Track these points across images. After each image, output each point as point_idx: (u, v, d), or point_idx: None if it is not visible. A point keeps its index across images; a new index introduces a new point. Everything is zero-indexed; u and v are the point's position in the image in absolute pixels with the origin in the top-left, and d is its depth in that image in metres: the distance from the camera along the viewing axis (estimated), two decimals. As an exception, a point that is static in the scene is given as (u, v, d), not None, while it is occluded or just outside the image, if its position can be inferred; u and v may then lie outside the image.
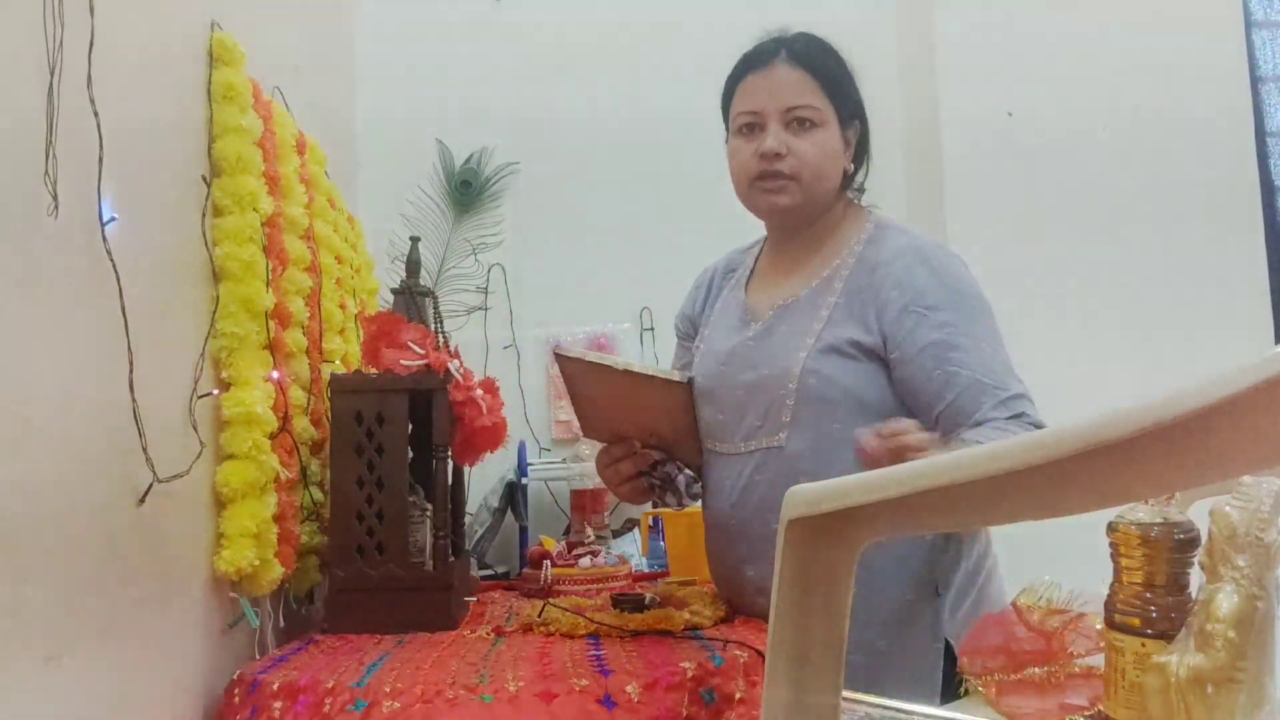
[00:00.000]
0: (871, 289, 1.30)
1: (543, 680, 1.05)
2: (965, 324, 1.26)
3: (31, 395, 0.86)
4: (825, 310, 1.33)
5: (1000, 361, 1.26)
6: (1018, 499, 0.48)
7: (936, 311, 1.26)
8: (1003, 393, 1.22)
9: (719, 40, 1.47)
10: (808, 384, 1.29)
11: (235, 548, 1.22)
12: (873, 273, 1.31)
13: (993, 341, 1.27)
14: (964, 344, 1.24)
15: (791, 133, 1.33)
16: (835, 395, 1.28)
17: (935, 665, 1.25)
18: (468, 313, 2.53)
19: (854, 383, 1.28)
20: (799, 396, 1.29)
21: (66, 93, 0.91)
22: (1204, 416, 0.39)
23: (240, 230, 1.28)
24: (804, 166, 1.33)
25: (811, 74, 1.34)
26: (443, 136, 2.60)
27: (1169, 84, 2.42)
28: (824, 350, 1.30)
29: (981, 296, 1.31)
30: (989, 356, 1.25)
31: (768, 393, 1.33)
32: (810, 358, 1.30)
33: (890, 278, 1.29)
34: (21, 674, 0.83)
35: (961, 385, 1.23)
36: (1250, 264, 2.44)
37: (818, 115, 1.33)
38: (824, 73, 1.35)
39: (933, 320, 1.25)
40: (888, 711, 0.86)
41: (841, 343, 1.29)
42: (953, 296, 1.27)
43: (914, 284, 1.28)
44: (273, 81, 1.56)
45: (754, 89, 1.36)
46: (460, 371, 1.54)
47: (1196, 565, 0.73)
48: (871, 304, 1.29)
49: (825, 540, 0.54)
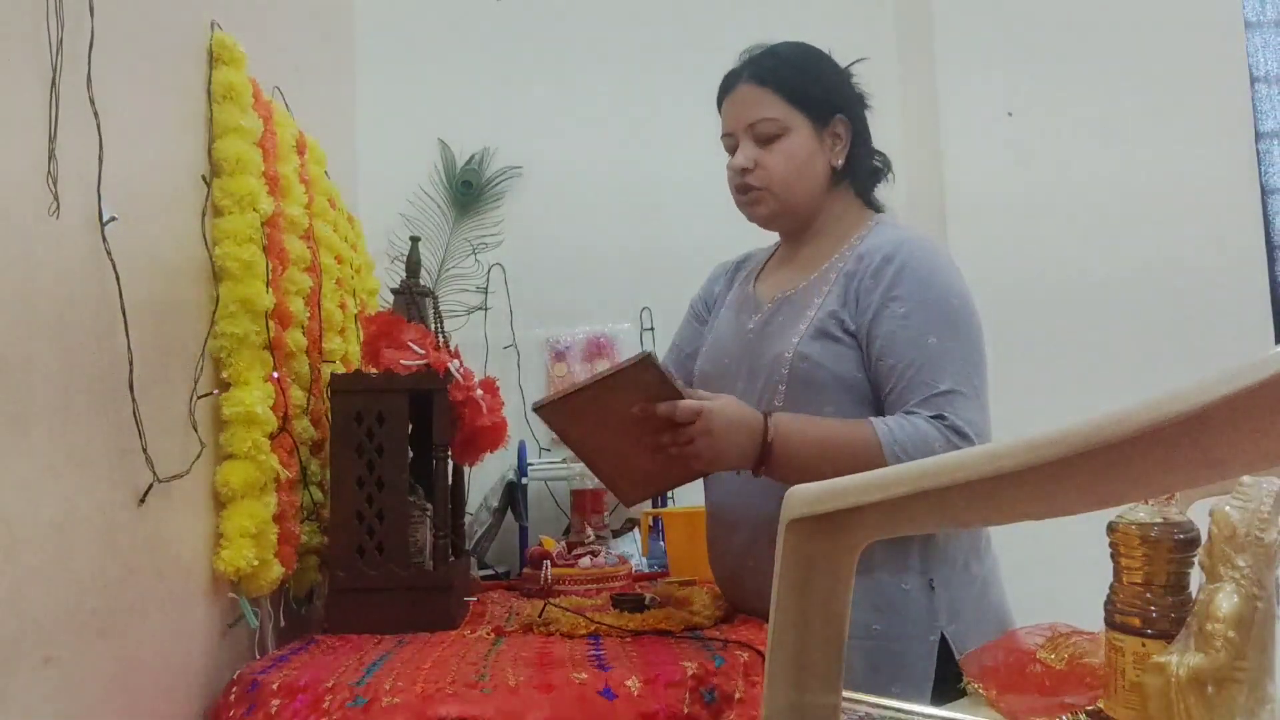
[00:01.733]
0: (856, 275, 1.34)
1: (542, 674, 1.06)
2: (918, 317, 1.28)
3: (31, 394, 0.86)
4: (819, 299, 1.37)
5: (947, 358, 1.26)
6: (1018, 499, 0.48)
7: (896, 303, 1.29)
8: (931, 389, 1.24)
9: (719, 41, 1.47)
10: (798, 368, 1.33)
11: (235, 548, 1.22)
12: (859, 261, 1.35)
13: (946, 338, 1.27)
14: (912, 337, 1.27)
15: (761, 146, 1.40)
16: (823, 378, 1.32)
17: (929, 657, 1.26)
18: (468, 313, 2.52)
19: (841, 366, 1.31)
20: (790, 380, 1.33)
21: (66, 93, 0.91)
22: (1204, 416, 0.39)
23: (240, 230, 1.28)
24: (771, 177, 1.40)
25: (772, 88, 1.40)
26: (443, 136, 2.60)
27: (1169, 84, 2.42)
28: (814, 334, 1.34)
29: (955, 294, 1.31)
30: (931, 351, 1.26)
31: (763, 379, 1.37)
32: (802, 342, 1.34)
33: (871, 267, 1.33)
34: (21, 674, 0.83)
35: (896, 378, 1.27)
36: (1249, 264, 2.44)
37: (778, 126, 1.40)
38: (783, 84, 1.41)
39: (892, 311, 1.29)
40: (887, 711, 0.86)
41: (829, 324, 1.33)
42: (916, 290, 1.29)
43: (887, 275, 1.31)
44: (273, 81, 1.56)
45: (726, 112, 1.45)
46: (460, 371, 1.54)
47: (1196, 565, 0.73)
48: (853, 290, 1.33)
49: (825, 540, 0.54)
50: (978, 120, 2.43)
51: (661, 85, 2.59)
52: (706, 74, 1.50)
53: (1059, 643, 0.94)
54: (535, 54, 2.63)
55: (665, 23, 2.64)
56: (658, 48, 2.62)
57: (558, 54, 2.63)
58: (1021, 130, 2.42)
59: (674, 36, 2.61)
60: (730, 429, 1.25)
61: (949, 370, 1.25)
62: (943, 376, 1.25)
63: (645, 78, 2.61)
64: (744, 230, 1.55)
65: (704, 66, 1.57)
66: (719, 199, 1.58)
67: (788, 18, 2.32)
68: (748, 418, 1.27)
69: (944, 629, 1.27)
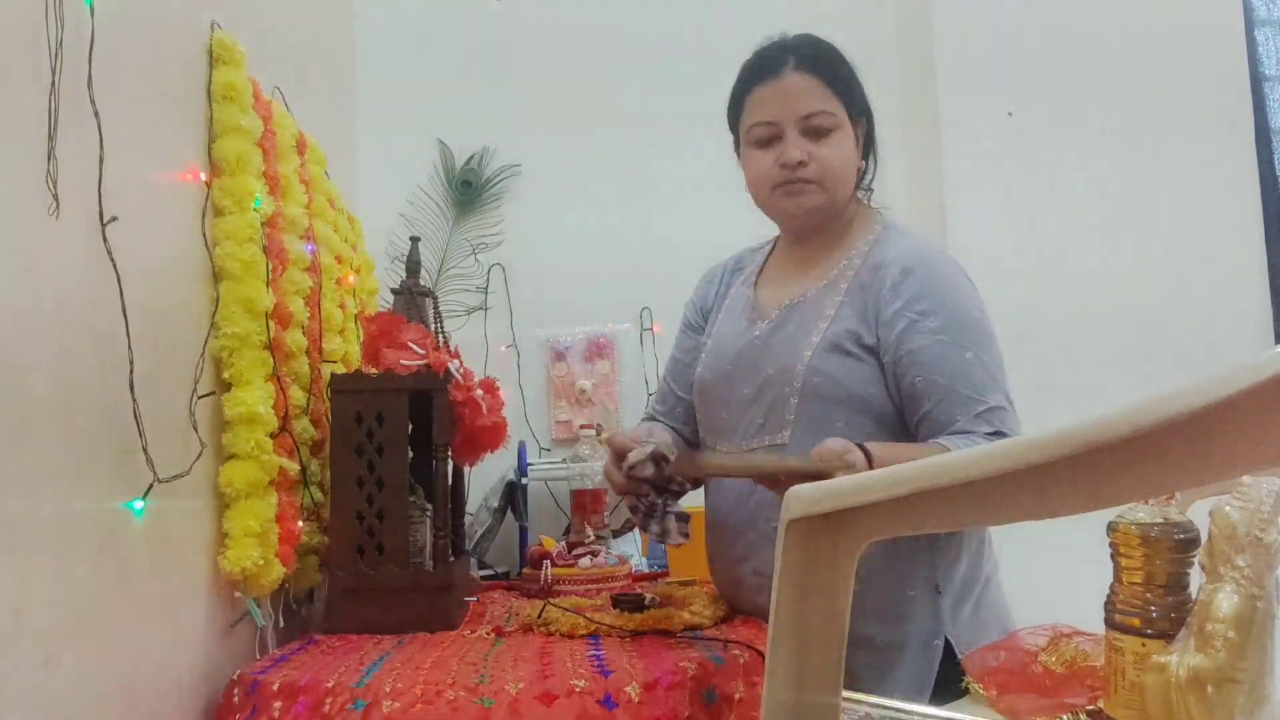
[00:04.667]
0: (873, 289, 1.31)
1: (542, 682, 1.05)
2: (952, 332, 1.26)
3: (32, 395, 0.86)
4: (831, 309, 1.33)
5: (985, 372, 1.25)
6: (1018, 499, 0.48)
7: (927, 318, 1.26)
8: (980, 405, 1.22)
9: (719, 40, 1.47)
10: (811, 382, 1.30)
11: (239, 548, 1.22)
12: (875, 272, 1.32)
13: (981, 351, 1.26)
14: (947, 353, 1.25)
15: (810, 139, 1.34)
16: (838, 394, 1.29)
17: (932, 662, 1.26)
18: (468, 313, 2.52)
19: (856, 382, 1.29)
20: (802, 394, 1.30)
21: (66, 93, 0.91)
22: (1203, 416, 0.39)
23: (240, 230, 1.28)
24: (826, 172, 1.34)
25: (822, 79, 1.35)
26: (443, 136, 2.60)
27: (1169, 83, 2.42)
28: (828, 348, 1.30)
29: (976, 306, 1.30)
30: (971, 366, 1.24)
31: (772, 391, 1.33)
32: (815, 355, 1.30)
33: (889, 280, 1.30)
34: (21, 674, 0.83)
35: (939, 394, 1.24)
36: (1251, 263, 2.43)
37: (832, 120, 1.34)
38: (834, 76, 1.36)
39: (921, 326, 1.26)
40: (888, 712, 0.86)
41: (845, 340, 1.30)
42: (944, 304, 1.27)
43: (909, 289, 1.28)
44: (273, 81, 1.56)
45: (766, 99, 1.36)
46: (460, 371, 1.54)
47: (1196, 565, 0.74)
48: (872, 304, 1.30)
49: (825, 540, 0.54)
50: (978, 121, 2.43)
51: (662, 85, 2.58)
52: (706, 74, 1.50)
53: (1060, 644, 0.94)
54: (535, 54, 2.63)
55: (665, 23, 2.63)
56: (657, 47, 2.61)
57: (557, 54, 2.63)
58: (1021, 130, 2.42)
59: (674, 36, 2.61)
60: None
61: (991, 384, 1.24)
62: (988, 391, 1.23)
63: (645, 77, 2.61)
64: (744, 230, 1.54)
65: (704, 66, 1.57)
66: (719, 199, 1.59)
67: (787, 18, 2.32)
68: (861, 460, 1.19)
69: (948, 633, 1.26)
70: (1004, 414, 1.23)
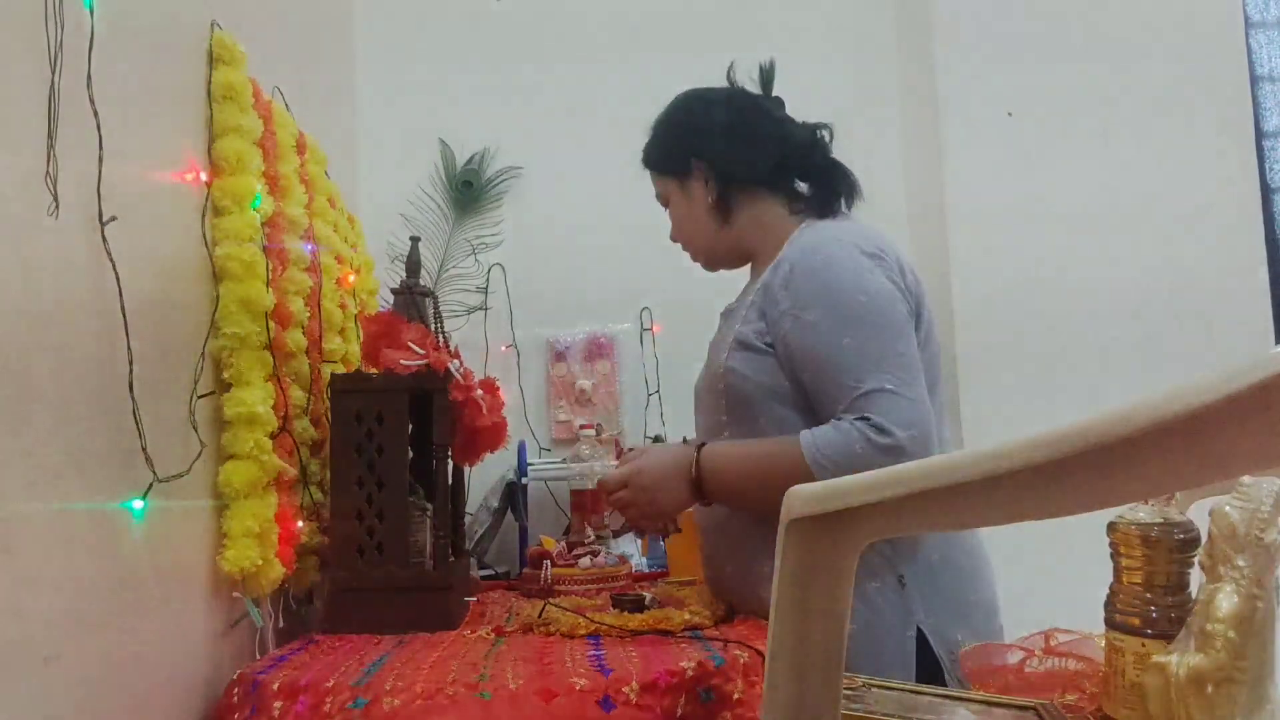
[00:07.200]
0: (771, 287, 1.34)
1: (542, 679, 1.05)
2: (830, 321, 1.26)
3: (31, 394, 0.86)
4: (744, 311, 1.38)
5: (863, 357, 1.23)
6: (1018, 499, 0.48)
7: (807, 311, 1.28)
8: (854, 391, 1.22)
9: (720, 41, 1.47)
10: (730, 382, 1.35)
11: (239, 548, 1.22)
12: (775, 272, 1.35)
13: (861, 337, 1.24)
14: (826, 342, 1.26)
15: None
16: (752, 390, 1.33)
17: (907, 651, 1.27)
18: (468, 313, 2.52)
19: (765, 376, 1.32)
20: (727, 394, 1.36)
21: (66, 93, 0.91)
22: (1204, 416, 0.39)
23: (240, 230, 1.28)
24: (680, 237, 1.55)
25: (650, 169, 1.56)
26: (443, 136, 2.60)
27: (1169, 84, 2.42)
28: (738, 347, 1.35)
29: (861, 290, 1.27)
30: (846, 353, 1.24)
31: (711, 393, 1.40)
32: (728, 356, 1.36)
33: (781, 277, 1.33)
34: (21, 674, 0.83)
35: (820, 385, 1.27)
36: (1250, 264, 2.43)
37: (664, 193, 1.55)
38: (649, 159, 1.55)
39: (802, 320, 1.28)
40: (892, 691, 0.86)
41: (752, 338, 1.34)
42: (825, 293, 1.28)
43: (795, 284, 1.30)
44: (273, 81, 1.56)
45: None
46: (460, 371, 1.54)
47: (1196, 565, 0.73)
48: (771, 302, 1.33)
49: (825, 540, 0.54)
50: (978, 120, 2.43)
51: (662, 85, 2.58)
52: (706, 74, 1.50)
53: (1050, 656, 0.94)
54: (535, 54, 2.63)
55: (666, 23, 2.63)
56: (658, 47, 2.61)
57: (558, 54, 2.63)
58: (1022, 130, 2.42)
59: (674, 37, 2.61)
60: (660, 480, 1.35)
61: (868, 369, 1.23)
62: (864, 376, 1.22)
63: (646, 77, 2.61)
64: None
65: (704, 66, 1.57)
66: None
67: (788, 19, 2.32)
68: (678, 461, 1.34)
69: (920, 623, 1.27)
70: (878, 397, 1.20)
